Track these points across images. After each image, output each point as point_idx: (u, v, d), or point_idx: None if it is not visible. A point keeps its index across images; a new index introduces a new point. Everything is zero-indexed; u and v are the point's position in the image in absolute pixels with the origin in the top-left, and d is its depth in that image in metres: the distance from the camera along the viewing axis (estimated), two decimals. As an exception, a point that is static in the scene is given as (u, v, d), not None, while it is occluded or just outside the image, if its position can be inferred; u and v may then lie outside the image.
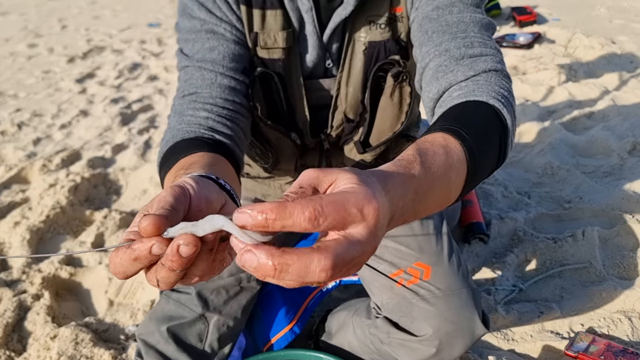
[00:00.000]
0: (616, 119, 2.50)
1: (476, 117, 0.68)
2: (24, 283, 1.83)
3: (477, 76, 0.77)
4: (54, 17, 6.70)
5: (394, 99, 0.95)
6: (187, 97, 0.90)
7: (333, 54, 0.98)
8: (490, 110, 0.70)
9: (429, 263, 1.04)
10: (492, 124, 0.69)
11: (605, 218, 1.89)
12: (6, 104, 3.74)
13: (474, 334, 1.02)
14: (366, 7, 0.92)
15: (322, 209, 0.41)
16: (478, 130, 0.64)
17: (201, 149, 0.76)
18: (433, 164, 0.56)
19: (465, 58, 0.79)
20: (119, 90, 3.81)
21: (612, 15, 4.26)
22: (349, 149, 1.06)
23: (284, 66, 0.96)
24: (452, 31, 0.82)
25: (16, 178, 2.62)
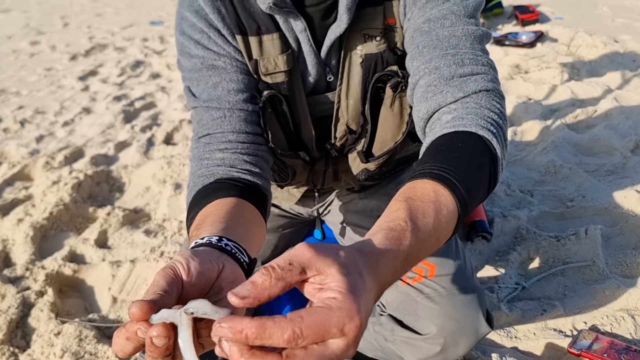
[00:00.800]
0: (619, 118, 2.50)
1: (466, 155, 0.67)
2: (27, 280, 1.84)
3: (466, 98, 0.76)
4: (56, 14, 6.70)
5: (394, 109, 0.95)
6: (202, 139, 0.90)
7: (333, 67, 0.97)
8: (480, 143, 0.69)
9: (434, 261, 1.05)
10: (482, 160, 0.68)
11: (608, 216, 1.89)
12: (9, 101, 3.75)
13: (478, 333, 1.02)
14: (359, 21, 0.91)
15: (301, 332, 0.42)
16: (469, 173, 0.65)
17: (220, 195, 0.77)
18: (424, 227, 0.57)
19: (455, 78, 0.78)
20: (122, 87, 3.81)
21: (615, 14, 4.26)
22: (353, 157, 1.06)
23: (288, 87, 0.95)
24: (442, 46, 0.81)
25: (19, 175, 2.62)
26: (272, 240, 1.22)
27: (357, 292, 0.46)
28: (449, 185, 0.62)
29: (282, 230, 1.24)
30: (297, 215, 1.27)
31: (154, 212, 2.25)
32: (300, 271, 0.46)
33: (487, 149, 0.69)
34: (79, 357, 1.49)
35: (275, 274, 0.45)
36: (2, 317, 1.64)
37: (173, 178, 2.41)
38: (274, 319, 0.43)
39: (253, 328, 0.42)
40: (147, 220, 2.20)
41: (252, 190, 0.83)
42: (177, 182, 2.37)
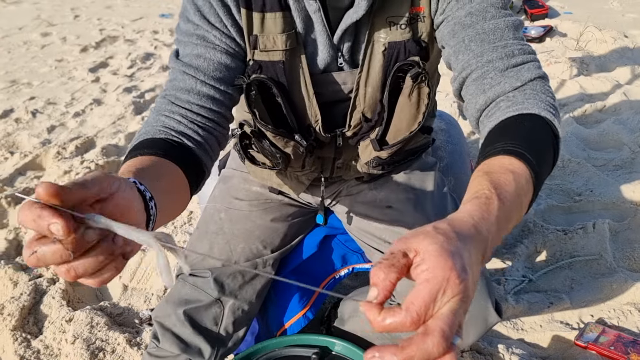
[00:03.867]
0: (628, 113, 2.50)
1: (534, 134, 0.72)
2: (39, 268, 1.86)
3: (524, 86, 0.80)
4: (66, 6, 6.73)
5: (412, 99, 0.95)
6: (167, 97, 0.93)
7: (345, 53, 0.97)
8: (543, 123, 0.74)
9: None
10: (547, 137, 0.73)
11: (616, 211, 1.90)
12: (20, 92, 3.78)
13: (487, 322, 1.03)
14: (385, 8, 0.91)
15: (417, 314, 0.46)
16: (538, 149, 0.69)
17: (153, 151, 0.79)
18: (507, 195, 0.60)
19: (509, 69, 0.81)
20: (132, 79, 3.84)
21: (625, 9, 4.23)
22: (365, 145, 1.06)
23: (286, 68, 0.95)
24: (490, 39, 0.83)
25: (31, 165, 2.65)
26: (281, 228, 1.22)
27: (446, 253, 0.48)
28: (522, 158, 0.66)
29: (291, 219, 1.25)
30: (307, 205, 1.28)
31: (164, 202, 2.27)
32: (403, 255, 0.49)
33: (549, 128, 0.74)
34: (90, 344, 1.51)
35: (384, 264, 0.48)
36: (14, 304, 1.66)
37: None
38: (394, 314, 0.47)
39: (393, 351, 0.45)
40: (157, 211, 2.22)
41: (190, 161, 0.85)
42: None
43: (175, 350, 1.08)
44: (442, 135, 1.53)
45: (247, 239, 1.18)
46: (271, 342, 1.15)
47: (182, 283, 1.15)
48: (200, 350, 1.09)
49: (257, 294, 1.17)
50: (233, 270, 1.15)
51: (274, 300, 1.23)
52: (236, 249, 1.17)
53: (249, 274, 1.17)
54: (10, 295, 1.71)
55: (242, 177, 1.27)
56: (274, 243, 1.21)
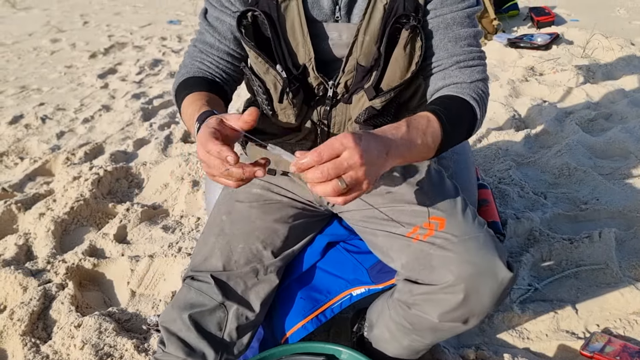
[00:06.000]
0: (634, 121, 2.50)
1: (456, 110, 1.02)
2: (48, 273, 1.89)
3: (470, 83, 1.06)
4: (76, 12, 6.81)
5: (407, 50, 1.05)
6: (197, 46, 1.19)
7: (342, 7, 1.07)
8: (469, 106, 1.03)
9: (443, 215, 1.07)
10: (467, 115, 1.03)
11: (622, 220, 1.90)
12: (30, 98, 3.83)
13: (498, 278, 1.00)
14: None
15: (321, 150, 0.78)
16: (455, 118, 0.99)
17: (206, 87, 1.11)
18: (416, 128, 0.92)
19: (466, 68, 1.07)
20: (140, 85, 3.88)
21: (632, 16, 4.23)
22: (358, 97, 1.11)
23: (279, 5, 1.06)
24: (461, 44, 1.07)
25: (40, 170, 2.69)
26: (282, 230, 1.23)
27: (353, 134, 0.80)
28: (438, 116, 0.96)
29: (292, 220, 1.26)
30: (308, 205, 1.29)
31: (172, 208, 2.29)
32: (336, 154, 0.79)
33: (472, 111, 1.04)
34: (98, 349, 1.53)
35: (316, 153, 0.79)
36: (24, 309, 1.68)
37: (191, 175, 2.46)
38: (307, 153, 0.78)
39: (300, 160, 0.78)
40: (165, 216, 2.25)
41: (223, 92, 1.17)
42: (195, 179, 2.42)
43: (181, 354, 1.09)
44: (448, 144, 1.54)
45: (247, 239, 1.20)
46: (277, 349, 1.16)
47: (187, 288, 1.17)
48: (204, 355, 1.11)
49: (261, 302, 1.18)
50: (235, 274, 1.17)
51: (277, 307, 1.24)
52: (236, 249, 1.19)
53: (251, 280, 1.18)
54: (20, 300, 1.73)
55: None
56: (274, 244, 1.22)
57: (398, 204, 1.15)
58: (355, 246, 1.25)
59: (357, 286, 1.23)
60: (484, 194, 1.95)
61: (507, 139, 2.52)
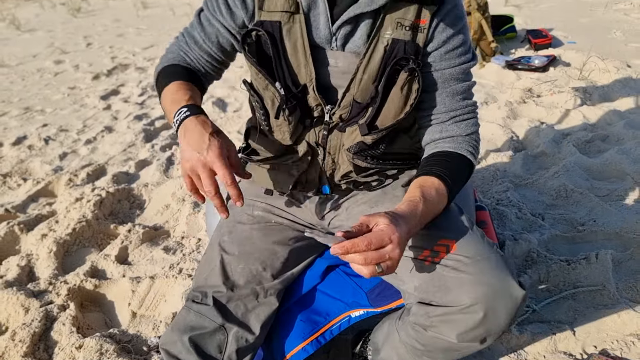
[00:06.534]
0: (631, 143, 2.53)
1: (455, 167, 1.13)
2: (50, 294, 1.90)
3: (465, 136, 1.17)
4: (79, 34, 6.90)
5: (404, 91, 1.10)
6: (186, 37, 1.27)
7: (339, 39, 1.12)
8: (466, 160, 1.16)
9: (453, 238, 1.08)
10: (464, 169, 1.15)
11: (619, 241, 1.91)
12: (33, 119, 3.87)
13: (513, 296, 1.01)
14: (395, 11, 1.10)
15: (371, 241, 0.88)
16: (455, 176, 1.11)
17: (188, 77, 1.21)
18: (430, 200, 1.04)
19: (461, 122, 1.18)
20: (143, 107, 3.92)
21: (628, 38, 4.29)
22: (351, 130, 1.16)
23: (283, 28, 1.13)
24: (457, 98, 1.17)
25: (43, 191, 2.71)
26: (282, 252, 1.25)
27: (396, 224, 0.92)
28: (444, 181, 1.08)
29: (292, 242, 1.28)
30: (309, 227, 1.32)
31: (173, 229, 2.31)
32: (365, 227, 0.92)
33: (469, 163, 1.16)
34: (99, 370, 1.54)
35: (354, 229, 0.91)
36: (25, 330, 1.70)
37: (192, 197, 2.47)
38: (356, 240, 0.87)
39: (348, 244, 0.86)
40: (166, 238, 2.26)
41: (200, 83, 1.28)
42: (196, 200, 2.44)
43: None
44: (445, 167, 1.57)
45: (247, 260, 1.22)
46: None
47: (186, 310, 1.18)
48: None
49: (261, 324, 1.20)
50: (235, 295, 1.18)
51: (277, 330, 1.25)
52: (236, 270, 1.21)
53: (251, 303, 1.20)
54: (22, 321, 1.75)
55: (245, 204, 1.33)
56: (274, 266, 1.24)
57: None
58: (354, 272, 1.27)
59: (355, 308, 1.24)
60: (482, 215, 1.97)
61: (505, 161, 2.54)
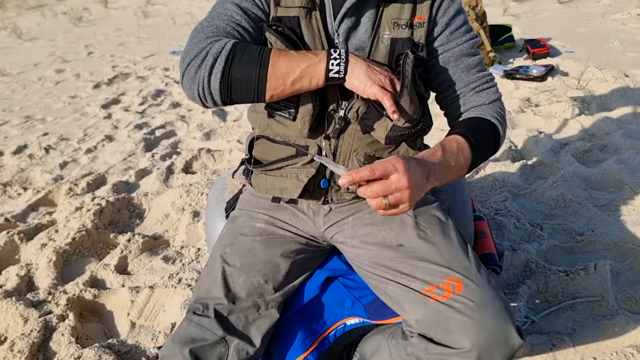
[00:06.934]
0: (629, 153, 2.54)
1: (481, 129, 1.14)
2: (49, 304, 1.90)
3: (489, 104, 1.19)
4: (81, 43, 6.93)
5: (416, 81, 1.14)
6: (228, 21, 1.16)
7: (342, 33, 1.17)
8: (491, 125, 1.17)
9: (460, 278, 1.08)
10: (490, 133, 1.16)
11: (617, 251, 1.92)
12: (34, 128, 3.89)
13: (510, 345, 1.03)
14: (390, 13, 1.16)
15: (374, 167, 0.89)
16: (481, 137, 1.12)
17: None
18: (450, 151, 1.05)
19: (481, 91, 1.20)
20: (143, 116, 3.94)
21: (625, 48, 4.31)
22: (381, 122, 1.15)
23: (301, 22, 1.16)
24: (471, 71, 1.21)
25: (43, 201, 2.72)
26: (284, 264, 1.25)
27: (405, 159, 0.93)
28: (467, 139, 1.09)
29: (294, 255, 1.28)
30: (311, 240, 1.32)
31: (173, 239, 2.32)
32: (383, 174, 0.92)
33: (495, 129, 1.17)
34: (98, 381, 1.54)
35: None
36: (24, 341, 1.70)
37: (191, 206, 2.49)
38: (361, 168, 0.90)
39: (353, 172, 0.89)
40: (165, 247, 2.27)
41: None
42: (196, 210, 2.45)
43: None
44: (444, 178, 1.57)
45: (249, 272, 1.22)
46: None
47: (187, 322, 1.18)
48: None
49: (262, 336, 1.19)
50: (236, 308, 1.18)
51: (277, 341, 1.25)
52: (237, 282, 1.21)
53: (252, 315, 1.20)
54: (21, 331, 1.75)
55: (247, 216, 1.33)
56: (275, 278, 1.24)
57: (411, 259, 1.16)
58: (354, 281, 1.27)
59: (351, 317, 1.25)
60: (481, 225, 1.97)
61: (503, 170, 2.55)
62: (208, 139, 3.39)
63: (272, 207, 1.33)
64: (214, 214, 1.60)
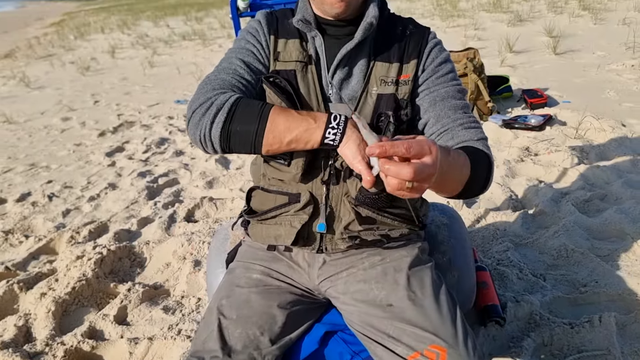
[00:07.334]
0: (629, 202, 2.55)
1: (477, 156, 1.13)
2: (46, 356, 1.87)
3: (477, 140, 1.20)
4: (87, 92, 7.09)
5: None
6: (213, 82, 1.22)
7: (336, 84, 1.22)
8: (485, 155, 1.17)
9: (444, 346, 1.08)
10: (484, 161, 1.15)
11: (622, 303, 1.90)
12: (39, 175, 3.92)
13: None
14: (379, 70, 1.23)
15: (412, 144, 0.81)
16: (477, 162, 1.10)
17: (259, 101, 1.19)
18: (457, 157, 1.02)
19: (469, 129, 1.21)
20: (147, 164, 3.98)
21: (622, 98, 4.39)
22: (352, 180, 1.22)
23: (297, 75, 1.22)
24: (458, 111, 1.22)
25: (44, 249, 2.72)
26: (280, 316, 1.24)
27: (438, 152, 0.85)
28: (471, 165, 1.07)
29: (290, 306, 1.27)
30: (307, 292, 1.31)
31: (173, 288, 2.30)
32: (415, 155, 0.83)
33: (488, 159, 1.17)
34: None
35: None
36: (20, 394, 1.67)
37: (193, 255, 2.48)
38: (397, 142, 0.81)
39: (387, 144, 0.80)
40: (166, 297, 2.25)
41: None
42: (197, 259, 2.44)
43: None
44: (445, 230, 1.58)
45: (245, 324, 1.21)
46: None
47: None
48: None
49: None
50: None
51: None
52: (234, 334, 1.20)
53: None
54: (16, 385, 1.72)
55: (244, 267, 1.33)
56: (272, 330, 1.23)
57: (399, 321, 1.15)
58: (352, 335, 1.26)
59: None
60: (483, 276, 1.97)
61: (504, 220, 2.56)
62: (210, 187, 3.41)
63: (268, 258, 1.34)
64: (216, 264, 1.60)
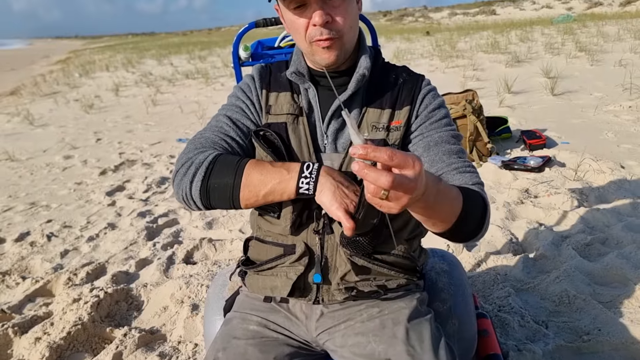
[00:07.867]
0: (631, 247, 2.53)
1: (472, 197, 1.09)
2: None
3: (472, 185, 1.17)
4: (90, 130, 7.16)
5: None
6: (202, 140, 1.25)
7: (330, 135, 1.23)
8: (480, 196, 1.14)
9: None
10: (479, 202, 1.12)
11: (626, 352, 1.87)
12: (38, 215, 3.92)
13: None
14: (371, 116, 1.23)
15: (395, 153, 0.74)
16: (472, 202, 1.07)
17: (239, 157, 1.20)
18: (449, 188, 0.99)
19: (465, 173, 1.19)
20: (147, 203, 3.98)
21: (620, 140, 4.43)
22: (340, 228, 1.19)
23: (288, 128, 1.23)
24: (453, 156, 1.21)
25: (41, 291, 2.69)
26: None
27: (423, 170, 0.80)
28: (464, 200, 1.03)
29: (289, 359, 1.26)
30: (304, 344, 1.30)
31: (170, 333, 2.27)
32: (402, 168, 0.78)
33: (483, 200, 1.13)
34: None
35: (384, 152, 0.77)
36: None
37: (191, 299, 2.46)
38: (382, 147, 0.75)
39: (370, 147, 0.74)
40: (162, 342, 2.21)
41: None
42: (195, 302, 2.41)
43: None
44: (445, 277, 1.57)
45: None
46: None
47: None
48: None
49: None
50: None
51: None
52: None
53: None
54: None
55: (241, 318, 1.32)
56: None
57: None
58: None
59: None
60: (484, 324, 1.94)
61: (505, 264, 2.54)
62: (210, 228, 3.41)
63: (265, 309, 1.33)
64: (213, 312, 1.58)
